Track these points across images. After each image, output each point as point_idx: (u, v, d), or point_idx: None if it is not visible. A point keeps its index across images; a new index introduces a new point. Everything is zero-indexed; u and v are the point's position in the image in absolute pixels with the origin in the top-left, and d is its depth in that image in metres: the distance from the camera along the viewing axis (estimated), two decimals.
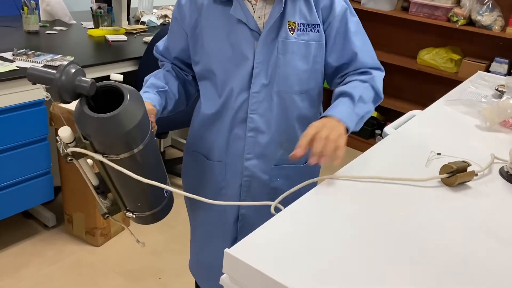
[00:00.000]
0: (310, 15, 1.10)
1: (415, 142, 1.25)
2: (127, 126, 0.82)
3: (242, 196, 1.22)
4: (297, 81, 1.13)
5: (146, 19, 2.95)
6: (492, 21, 2.97)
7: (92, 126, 0.82)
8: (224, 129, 1.18)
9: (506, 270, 0.76)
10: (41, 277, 2.06)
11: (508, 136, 1.34)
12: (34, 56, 2.06)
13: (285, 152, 1.18)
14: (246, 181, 1.20)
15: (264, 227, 0.82)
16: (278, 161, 1.19)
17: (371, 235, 0.82)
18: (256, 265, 0.70)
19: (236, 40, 1.10)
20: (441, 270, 0.74)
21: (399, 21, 3.45)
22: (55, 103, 2.08)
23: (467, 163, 1.02)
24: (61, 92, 0.80)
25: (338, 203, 0.92)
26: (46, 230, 2.36)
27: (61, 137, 0.86)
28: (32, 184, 2.09)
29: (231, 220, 1.25)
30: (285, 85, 1.12)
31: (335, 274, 0.71)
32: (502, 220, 0.91)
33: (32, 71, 0.82)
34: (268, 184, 1.21)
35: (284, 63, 1.10)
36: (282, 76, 1.11)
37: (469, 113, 1.48)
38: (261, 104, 1.13)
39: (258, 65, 1.10)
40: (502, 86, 1.68)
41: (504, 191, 1.03)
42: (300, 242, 0.79)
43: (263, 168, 1.18)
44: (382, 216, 0.88)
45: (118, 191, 1.00)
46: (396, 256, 0.77)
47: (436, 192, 0.99)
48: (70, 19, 2.83)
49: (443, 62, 3.27)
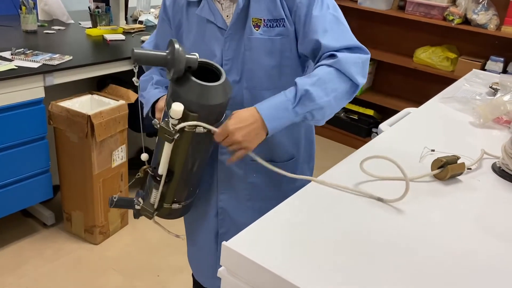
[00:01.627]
0: (275, 10, 1.08)
1: (410, 138, 1.27)
2: (228, 94, 0.99)
3: (220, 190, 1.25)
4: (266, 77, 1.12)
5: (144, 18, 2.96)
6: (488, 20, 3.00)
7: (207, 94, 0.95)
8: None
9: (497, 264, 0.78)
10: (40, 275, 2.07)
11: (501, 133, 1.36)
12: (32, 56, 2.07)
13: (262, 147, 1.18)
14: (222, 175, 1.23)
15: (261, 220, 0.83)
16: (252, 157, 1.20)
17: (366, 229, 0.84)
18: (253, 258, 0.72)
19: (208, 39, 1.13)
20: (435, 263, 0.76)
21: (396, 20, 3.47)
22: (53, 103, 2.09)
23: (457, 157, 1.04)
24: (178, 67, 0.92)
25: (333, 198, 0.93)
26: (45, 229, 2.37)
27: (175, 111, 0.94)
28: (31, 183, 2.10)
29: (212, 213, 1.28)
30: (254, 81, 1.13)
31: (332, 266, 0.73)
32: (495, 215, 0.93)
33: (140, 54, 0.94)
34: (244, 179, 1.22)
35: (251, 60, 1.11)
36: (250, 72, 1.12)
37: (463, 110, 1.50)
38: (233, 100, 1.13)
39: (227, 62, 1.13)
40: (496, 84, 1.70)
41: (496, 186, 1.05)
42: (297, 234, 0.80)
43: (238, 163, 1.18)
44: (377, 211, 0.90)
45: (184, 174, 1.08)
46: (389, 251, 0.78)
47: (429, 187, 1.00)
48: (68, 18, 2.84)
49: (439, 60, 3.29)
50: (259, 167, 1.21)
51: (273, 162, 1.19)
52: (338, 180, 0.98)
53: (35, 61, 2.02)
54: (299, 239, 0.79)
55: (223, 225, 1.28)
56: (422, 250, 0.79)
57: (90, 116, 2.01)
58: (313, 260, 0.74)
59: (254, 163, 1.20)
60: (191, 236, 1.40)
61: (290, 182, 1.24)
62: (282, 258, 0.74)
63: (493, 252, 0.80)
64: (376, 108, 3.59)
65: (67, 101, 2.14)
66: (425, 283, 0.71)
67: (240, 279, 0.75)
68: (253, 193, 1.23)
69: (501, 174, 1.09)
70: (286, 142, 1.21)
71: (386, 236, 0.82)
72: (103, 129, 2.08)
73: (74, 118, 2.05)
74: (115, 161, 2.24)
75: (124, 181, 2.34)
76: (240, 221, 1.25)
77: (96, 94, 2.27)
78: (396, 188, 0.95)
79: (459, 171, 1.04)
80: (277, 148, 1.21)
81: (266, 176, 1.22)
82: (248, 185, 1.23)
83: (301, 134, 1.24)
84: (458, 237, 0.84)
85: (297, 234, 0.81)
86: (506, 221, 0.91)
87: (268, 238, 0.79)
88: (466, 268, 0.75)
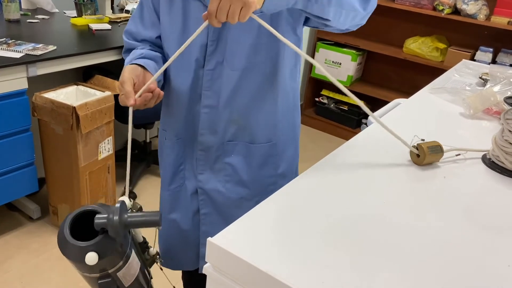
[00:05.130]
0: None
1: (399, 129, 1.25)
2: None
3: (198, 170, 1.24)
4: (244, 56, 1.10)
5: (130, 7, 2.91)
6: (477, 10, 2.99)
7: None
8: (183, 106, 1.19)
9: (482, 254, 0.77)
10: (27, 269, 2.04)
11: (491, 123, 1.36)
12: (15, 45, 2.02)
13: (238, 128, 1.18)
14: (200, 155, 1.22)
15: (247, 216, 0.81)
16: (231, 137, 1.19)
17: (352, 223, 0.82)
18: (239, 254, 0.70)
19: (192, 16, 1.09)
20: (422, 252, 0.75)
21: (386, 10, 3.45)
22: (37, 94, 2.05)
23: (437, 143, 1.03)
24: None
25: (318, 192, 0.92)
26: (31, 222, 2.34)
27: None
28: (16, 176, 2.06)
29: (189, 193, 1.28)
30: (234, 62, 1.11)
31: (318, 261, 0.71)
32: (484, 207, 0.92)
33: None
34: (222, 159, 1.21)
35: (231, 39, 1.09)
36: (230, 52, 1.10)
37: (453, 101, 1.49)
38: (215, 82, 1.13)
39: (212, 42, 1.10)
40: (486, 74, 1.69)
41: (486, 177, 1.04)
42: (283, 230, 0.79)
43: (216, 143, 1.19)
44: (366, 202, 0.89)
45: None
46: (376, 242, 0.77)
47: (416, 176, 0.99)
48: (52, 7, 2.78)
49: (429, 51, 3.28)
50: (235, 148, 1.21)
51: (253, 144, 1.20)
52: (334, 168, 0.97)
53: (17, 51, 1.97)
54: (286, 235, 0.77)
55: (205, 206, 1.27)
56: (410, 241, 0.78)
57: (75, 108, 1.97)
58: (302, 255, 0.72)
59: (231, 143, 1.19)
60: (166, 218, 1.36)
61: (272, 168, 1.23)
62: (269, 254, 0.72)
63: (479, 243, 0.79)
64: (366, 99, 3.59)
65: (52, 92, 2.10)
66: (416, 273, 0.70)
67: (226, 275, 0.73)
68: (231, 174, 1.22)
69: (490, 166, 1.08)
70: (262, 123, 1.19)
71: (376, 229, 0.81)
72: (89, 121, 2.04)
73: (59, 109, 2.00)
74: (101, 153, 2.21)
75: (111, 174, 2.31)
76: (222, 203, 1.25)
77: (81, 85, 2.23)
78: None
79: (437, 158, 1.03)
80: (254, 130, 1.19)
81: (244, 158, 1.21)
82: (226, 165, 1.22)
83: (278, 117, 1.21)
84: (446, 227, 0.83)
85: (284, 229, 0.79)
86: (495, 212, 0.90)
87: (254, 234, 0.77)
88: (449, 257, 0.75)
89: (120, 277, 0.85)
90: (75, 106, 1.97)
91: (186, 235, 1.33)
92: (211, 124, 1.18)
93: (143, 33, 1.20)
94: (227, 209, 1.26)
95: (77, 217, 0.82)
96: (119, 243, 0.81)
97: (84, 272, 0.83)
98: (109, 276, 0.83)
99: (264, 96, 1.15)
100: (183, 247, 1.36)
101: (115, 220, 0.76)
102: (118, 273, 0.84)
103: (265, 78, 1.14)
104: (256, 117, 1.17)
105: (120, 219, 0.77)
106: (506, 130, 1.05)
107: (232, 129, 1.18)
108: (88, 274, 0.83)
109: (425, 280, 0.70)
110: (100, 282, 0.83)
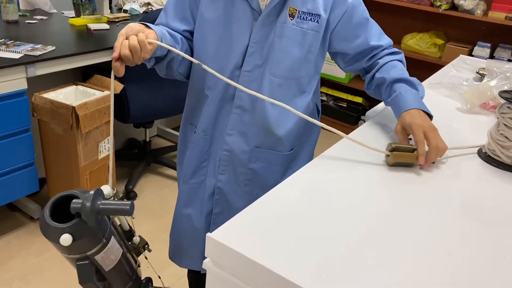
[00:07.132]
0: (312, 4, 1.11)
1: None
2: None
3: (219, 170, 1.24)
4: (289, 66, 1.14)
5: (128, 7, 2.91)
6: (475, 5, 2.99)
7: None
8: (214, 103, 1.19)
9: (480, 246, 0.78)
10: (28, 268, 2.05)
11: (488, 118, 1.36)
12: (14, 46, 2.03)
13: (268, 136, 1.18)
14: (224, 155, 1.22)
15: (246, 211, 0.82)
16: (259, 144, 1.20)
17: (349, 217, 0.83)
18: (238, 249, 0.71)
19: (235, 16, 1.11)
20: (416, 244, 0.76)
21: (384, 6, 3.45)
22: (37, 94, 2.06)
23: (413, 148, 1.01)
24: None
25: (316, 187, 0.93)
26: (32, 222, 2.34)
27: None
28: (17, 176, 2.07)
29: (208, 192, 1.27)
30: (277, 69, 1.13)
31: (317, 256, 0.72)
32: (480, 200, 0.93)
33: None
34: (246, 164, 1.22)
35: (279, 47, 1.12)
36: (276, 59, 1.12)
37: (450, 96, 1.50)
38: (251, 84, 1.14)
39: (253, 44, 1.12)
40: (483, 69, 1.70)
41: (482, 171, 1.05)
42: (283, 225, 0.79)
43: (243, 147, 1.20)
44: (364, 196, 0.90)
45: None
46: (374, 236, 0.78)
47: (406, 170, 1.00)
48: (50, 8, 2.78)
49: (427, 47, 3.29)
50: (262, 155, 1.22)
51: (278, 152, 1.22)
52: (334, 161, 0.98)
53: (16, 51, 1.98)
54: (285, 229, 0.78)
55: (218, 206, 1.28)
56: (407, 234, 0.79)
57: (74, 108, 1.97)
58: (300, 249, 0.73)
59: (259, 149, 1.21)
60: (182, 213, 1.36)
61: (291, 172, 1.23)
62: (267, 248, 0.73)
63: (476, 235, 0.80)
64: (365, 95, 3.59)
65: (51, 92, 2.10)
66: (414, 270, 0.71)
67: (226, 270, 0.74)
68: (252, 178, 1.24)
69: (486, 160, 1.09)
70: (291, 134, 1.22)
71: (374, 223, 0.82)
72: (88, 121, 2.05)
73: (59, 109, 2.01)
74: (101, 152, 2.22)
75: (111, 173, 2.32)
76: (235, 205, 1.25)
77: (80, 85, 2.24)
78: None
79: (408, 161, 1.01)
80: (283, 141, 1.22)
81: (268, 164, 1.23)
82: (248, 170, 1.23)
83: (303, 128, 1.26)
84: (442, 221, 0.84)
85: (283, 223, 0.80)
86: (491, 205, 0.91)
87: (253, 228, 0.78)
88: (445, 250, 0.75)
89: (99, 260, 0.89)
90: (74, 106, 1.97)
91: (197, 233, 1.33)
92: (240, 126, 1.18)
93: (172, 25, 1.19)
94: (239, 211, 1.26)
95: (59, 200, 0.86)
96: (95, 228, 0.85)
97: (63, 253, 0.87)
98: (87, 259, 0.87)
99: (296, 107, 1.12)
100: (192, 244, 1.36)
101: (87, 206, 0.80)
102: (96, 257, 0.88)
103: (301, 91, 1.18)
104: (286, 126, 1.19)
105: (92, 205, 0.81)
106: (501, 124, 1.05)
107: (262, 136, 1.19)
108: (67, 255, 0.88)
109: (422, 272, 0.71)
110: (78, 264, 0.87)
